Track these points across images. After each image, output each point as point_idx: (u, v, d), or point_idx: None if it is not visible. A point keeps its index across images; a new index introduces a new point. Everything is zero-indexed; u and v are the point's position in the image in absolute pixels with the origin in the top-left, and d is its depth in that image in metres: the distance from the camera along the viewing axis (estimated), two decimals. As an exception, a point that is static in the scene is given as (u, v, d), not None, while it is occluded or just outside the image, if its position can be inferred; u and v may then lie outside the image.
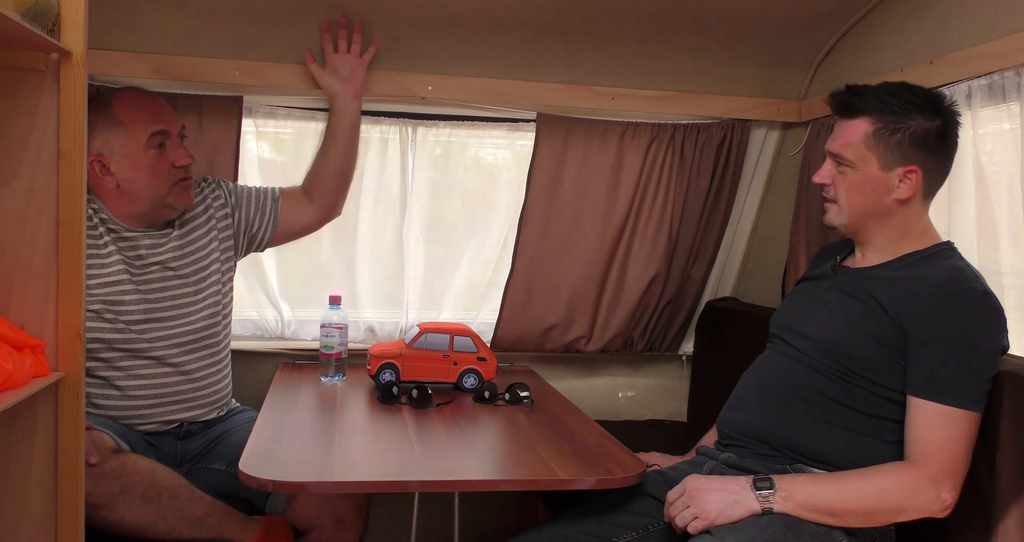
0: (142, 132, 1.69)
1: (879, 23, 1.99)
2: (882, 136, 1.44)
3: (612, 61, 2.19)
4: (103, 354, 1.69)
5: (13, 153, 1.18)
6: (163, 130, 1.71)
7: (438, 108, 2.21)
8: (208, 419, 1.84)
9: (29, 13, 1.08)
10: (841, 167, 1.49)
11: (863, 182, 1.46)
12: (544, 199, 2.29)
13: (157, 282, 1.76)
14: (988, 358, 1.33)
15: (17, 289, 1.20)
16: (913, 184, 1.44)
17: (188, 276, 1.80)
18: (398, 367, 1.95)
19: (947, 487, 1.30)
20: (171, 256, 1.79)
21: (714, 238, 2.43)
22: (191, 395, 1.79)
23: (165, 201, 1.73)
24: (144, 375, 1.73)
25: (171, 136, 1.73)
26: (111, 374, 1.70)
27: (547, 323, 2.39)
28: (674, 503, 1.39)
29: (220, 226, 1.90)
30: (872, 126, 1.45)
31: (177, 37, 1.98)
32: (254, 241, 1.99)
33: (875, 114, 1.45)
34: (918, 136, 1.43)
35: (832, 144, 1.51)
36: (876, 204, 1.47)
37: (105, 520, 1.46)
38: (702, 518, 1.34)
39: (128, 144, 1.68)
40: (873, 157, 1.45)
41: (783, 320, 1.62)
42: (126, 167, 1.69)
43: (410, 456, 1.48)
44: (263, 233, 1.98)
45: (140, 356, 1.72)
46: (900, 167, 1.44)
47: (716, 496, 1.35)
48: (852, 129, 1.47)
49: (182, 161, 1.72)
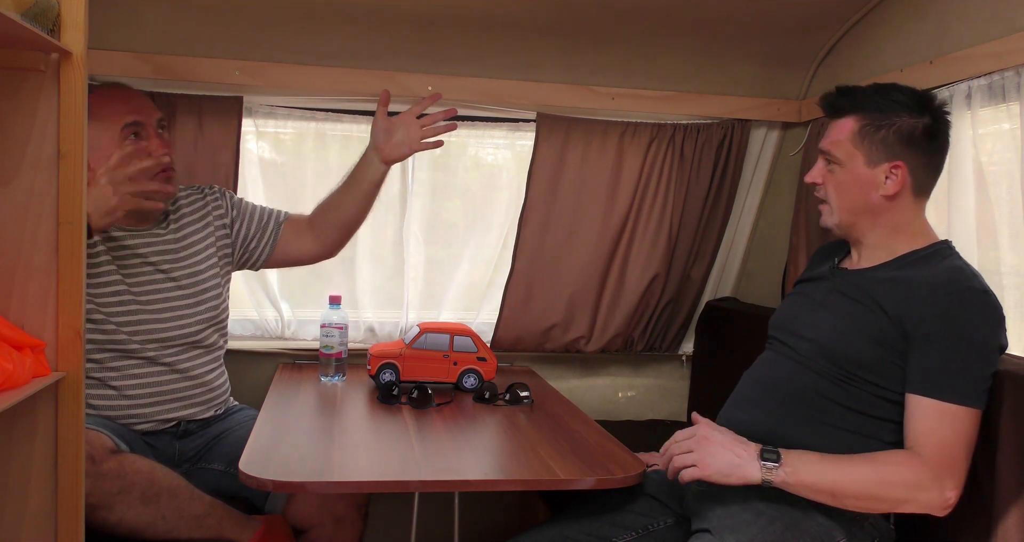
0: (116, 124, 1.67)
1: (879, 23, 1.99)
2: (867, 133, 1.46)
3: (612, 61, 2.19)
4: (96, 354, 1.69)
5: (13, 153, 1.18)
6: (136, 121, 1.69)
7: (438, 108, 2.21)
8: (205, 418, 1.83)
9: (29, 13, 1.08)
10: (831, 165, 1.51)
11: (850, 179, 1.48)
12: (544, 199, 2.30)
13: (148, 284, 1.75)
14: (988, 355, 1.34)
15: (17, 289, 1.20)
16: (899, 180, 1.45)
17: (181, 279, 1.80)
18: (398, 367, 1.95)
19: (951, 485, 1.29)
20: (163, 258, 1.78)
21: (714, 238, 2.43)
22: (187, 393, 1.79)
23: (145, 194, 1.71)
24: (138, 374, 1.73)
25: (146, 127, 1.71)
26: (105, 374, 1.70)
27: (547, 323, 2.39)
28: (679, 442, 1.39)
29: (219, 234, 1.90)
30: (858, 123, 1.47)
31: (177, 37, 1.98)
32: (249, 259, 1.98)
33: (861, 112, 1.47)
34: (904, 133, 1.44)
35: (823, 143, 1.53)
36: (864, 201, 1.47)
37: (104, 520, 1.46)
38: (700, 468, 1.34)
39: (102, 136, 1.66)
40: (859, 154, 1.46)
41: (782, 322, 1.62)
42: (103, 160, 1.63)
43: (410, 456, 1.48)
44: (260, 253, 1.97)
45: (132, 356, 1.72)
46: (885, 163, 1.45)
47: (722, 453, 1.35)
48: (840, 127, 1.49)
49: (159, 152, 1.68)
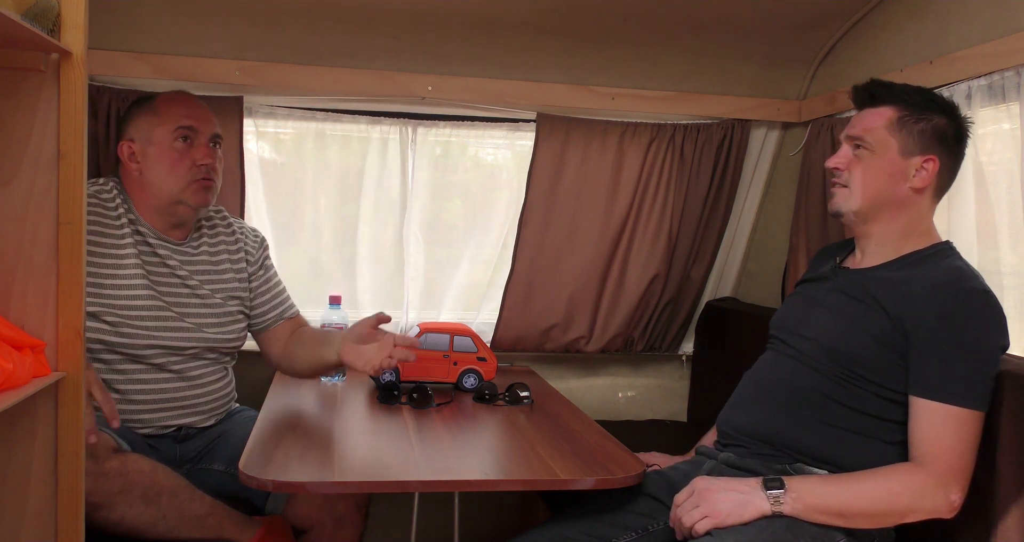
0: (172, 123, 1.73)
1: (879, 23, 1.99)
2: (906, 123, 1.47)
3: (612, 61, 2.19)
4: (104, 355, 1.69)
5: (13, 153, 1.18)
6: (192, 126, 1.74)
7: (438, 108, 2.22)
8: (207, 426, 1.84)
9: (29, 13, 1.08)
10: (859, 150, 1.50)
11: (882, 166, 1.47)
12: (544, 199, 2.30)
13: (174, 295, 1.75)
14: (990, 357, 1.34)
15: (17, 289, 1.20)
16: (929, 174, 1.46)
17: (206, 297, 1.80)
18: (398, 367, 1.94)
19: (955, 488, 1.29)
20: (191, 272, 1.79)
21: (714, 238, 2.43)
22: (192, 402, 1.79)
23: (180, 196, 1.73)
24: (145, 379, 1.72)
25: (199, 135, 1.75)
26: (112, 376, 1.69)
27: (547, 323, 2.39)
28: (682, 504, 1.38)
29: (240, 277, 1.88)
30: (897, 113, 1.48)
31: (177, 37, 1.98)
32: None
33: (900, 103, 1.49)
34: (939, 130, 1.47)
35: (852, 129, 1.52)
36: (891, 190, 1.47)
37: (106, 520, 1.46)
38: (712, 517, 1.33)
39: (156, 131, 1.72)
40: (894, 142, 1.47)
41: (783, 322, 1.62)
42: (150, 155, 1.72)
43: (410, 456, 1.47)
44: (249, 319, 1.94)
45: (141, 361, 1.71)
46: (919, 156, 1.46)
47: (727, 496, 1.34)
48: (876, 115, 1.50)
49: (203, 160, 1.73)
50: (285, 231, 2.31)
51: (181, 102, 1.78)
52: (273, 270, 1.98)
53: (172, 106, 1.75)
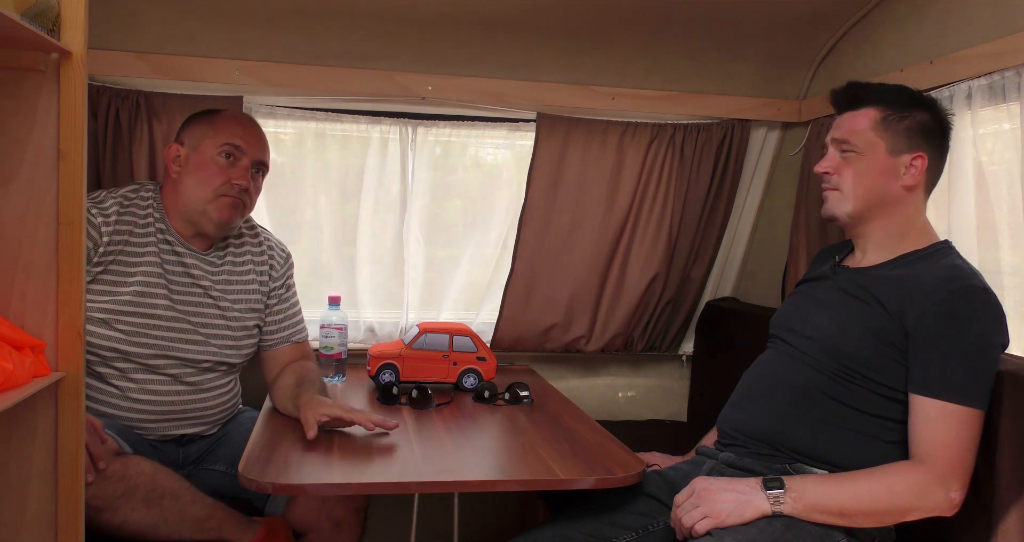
0: (222, 138, 1.74)
1: (879, 23, 1.99)
2: (891, 122, 1.48)
3: (612, 61, 2.19)
4: (118, 364, 1.68)
5: (13, 153, 1.18)
6: (239, 146, 1.74)
7: (438, 108, 2.22)
8: (211, 434, 1.83)
9: (29, 13, 1.08)
10: (846, 154, 1.50)
11: (872, 167, 1.48)
12: (544, 199, 2.30)
13: (194, 305, 1.75)
14: (990, 354, 1.34)
15: (17, 289, 1.19)
16: (919, 170, 1.47)
17: (227, 309, 1.79)
18: (398, 367, 1.94)
19: (956, 486, 1.30)
20: (213, 284, 1.78)
21: (714, 238, 2.43)
22: (201, 413, 1.78)
23: (205, 207, 1.72)
24: (158, 391, 1.72)
25: (244, 156, 1.75)
26: (125, 384, 1.68)
27: (547, 323, 2.39)
28: (682, 504, 1.38)
29: (269, 286, 1.89)
30: (881, 113, 1.49)
31: (177, 37, 1.98)
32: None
33: (882, 103, 1.49)
34: (924, 126, 1.48)
35: (837, 132, 1.53)
36: (884, 190, 1.48)
37: (108, 523, 1.46)
38: (712, 517, 1.33)
39: (205, 142, 1.74)
40: (881, 143, 1.48)
41: (783, 321, 1.62)
42: (192, 162, 1.74)
43: (410, 456, 1.47)
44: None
45: (156, 371, 1.71)
46: (907, 153, 1.47)
47: (727, 496, 1.35)
48: (859, 117, 1.50)
49: (238, 180, 1.73)
50: (285, 231, 2.31)
51: (239, 123, 1.79)
52: (294, 289, 1.96)
53: (230, 124, 1.77)
